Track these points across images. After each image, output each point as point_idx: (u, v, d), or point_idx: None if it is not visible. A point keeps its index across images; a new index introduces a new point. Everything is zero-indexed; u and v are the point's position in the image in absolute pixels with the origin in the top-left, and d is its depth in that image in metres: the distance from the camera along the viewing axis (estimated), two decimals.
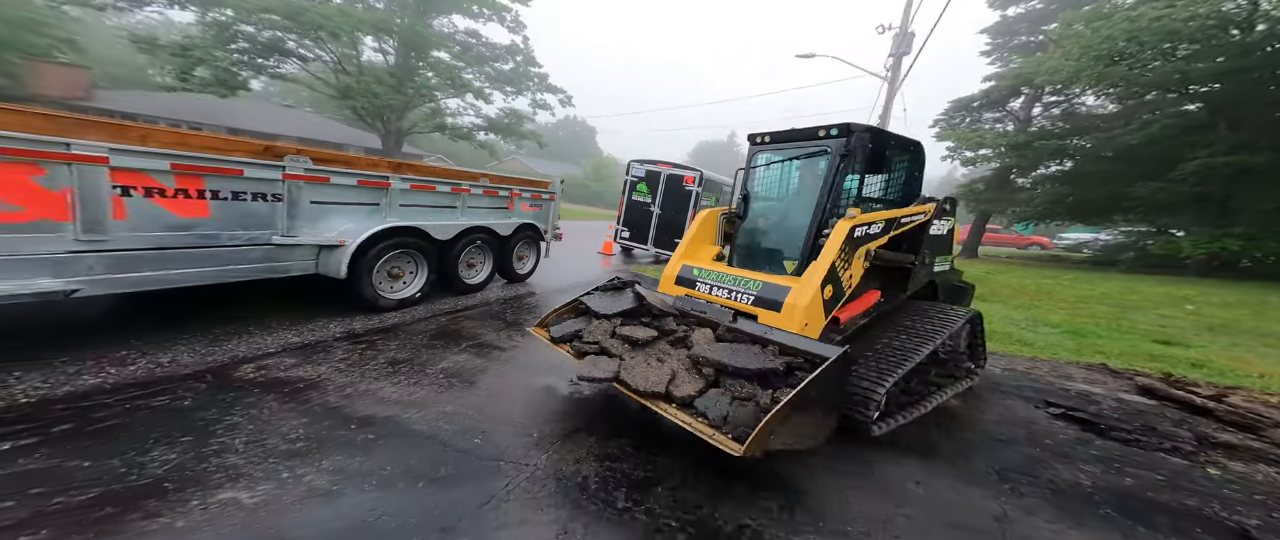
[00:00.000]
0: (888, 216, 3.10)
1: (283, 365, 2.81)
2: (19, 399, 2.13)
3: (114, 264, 2.61)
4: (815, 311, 2.62)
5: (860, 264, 2.92)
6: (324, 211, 3.80)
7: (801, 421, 2.09)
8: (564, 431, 2.39)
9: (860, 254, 2.89)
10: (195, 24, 16.80)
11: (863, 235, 2.87)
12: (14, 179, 2.25)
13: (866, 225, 2.88)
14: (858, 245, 2.85)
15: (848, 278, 2.82)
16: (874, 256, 3.01)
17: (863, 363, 2.82)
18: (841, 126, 3.07)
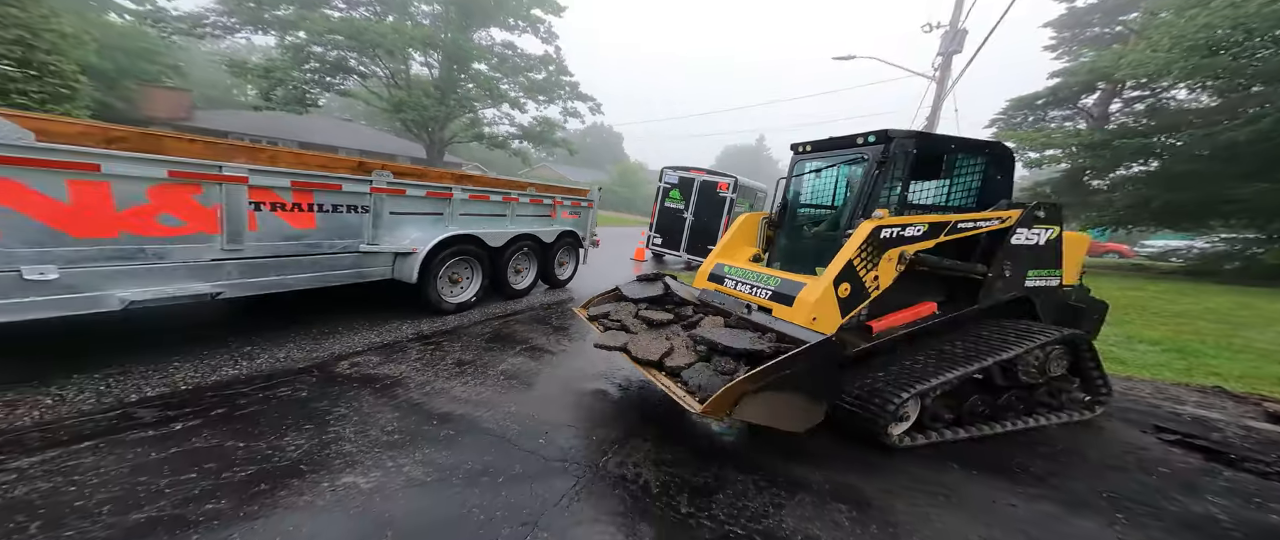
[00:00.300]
0: (933, 219, 2.97)
1: (371, 363, 3.24)
2: (180, 386, 2.63)
3: (247, 270, 3.12)
4: (825, 307, 2.68)
5: (890, 267, 2.84)
6: (399, 221, 4.24)
7: (782, 403, 2.26)
8: (620, 435, 2.62)
9: (889, 256, 2.82)
10: (275, 47, 18.61)
11: (893, 237, 2.81)
12: (181, 197, 2.76)
13: (899, 227, 2.83)
14: (886, 247, 2.81)
15: (872, 279, 2.80)
16: (915, 261, 2.89)
17: (892, 371, 2.86)
18: (879, 133, 3.11)
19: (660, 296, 3.47)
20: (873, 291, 2.83)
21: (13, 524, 1.56)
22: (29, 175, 2.21)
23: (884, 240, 2.79)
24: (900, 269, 2.87)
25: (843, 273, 2.70)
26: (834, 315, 2.72)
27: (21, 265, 2.20)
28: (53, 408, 2.28)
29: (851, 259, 2.70)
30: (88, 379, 2.59)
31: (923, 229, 2.94)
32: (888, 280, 2.88)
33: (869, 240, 2.73)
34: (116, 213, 2.50)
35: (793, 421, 2.36)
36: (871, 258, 2.76)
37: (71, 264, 2.36)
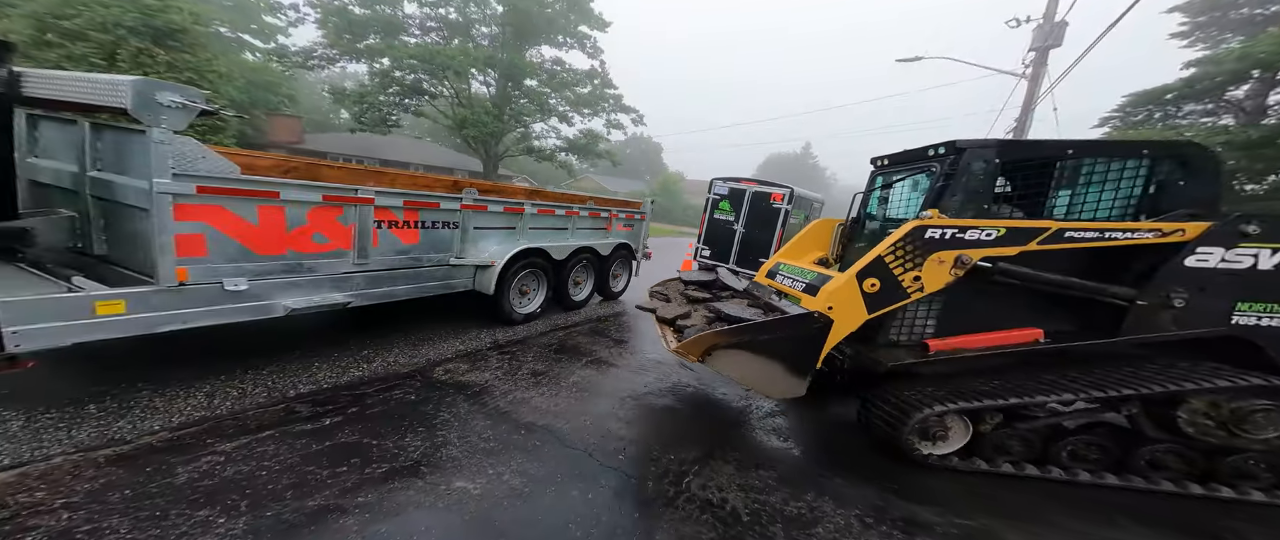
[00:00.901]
0: (1014, 224, 2.67)
1: (460, 370, 3.66)
2: (322, 384, 3.16)
3: (370, 282, 3.65)
4: (844, 297, 2.66)
5: (941, 270, 2.65)
6: (480, 236, 4.69)
7: (759, 366, 2.60)
8: (699, 455, 2.79)
9: (939, 258, 2.64)
10: (365, 74, 20.80)
11: (945, 239, 2.64)
12: (329, 218, 3.30)
13: (955, 229, 2.63)
14: (933, 248, 2.64)
15: (912, 280, 2.67)
16: (995, 271, 2.65)
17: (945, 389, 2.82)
18: (948, 144, 3.02)
19: (709, 282, 3.92)
20: (914, 293, 2.68)
21: (229, 501, 2.01)
22: (233, 202, 2.78)
23: (930, 241, 2.63)
24: (956, 274, 2.66)
25: (870, 267, 2.64)
26: (855, 307, 2.67)
27: (223, 278, 2.77)
28: (238, 399, 2.83)
29: (883, 255, 2.63)
30: (258, 375, 3.16)
31: (996, 233, 2.63)
32: (935, 284, 2.68)
33: (909, 239, 2.61)
34: (286, 233, 3.06)
35: (769, 387, 2.71)
36: (911, 257, 2.63)
37: (256, 277, 2.92)
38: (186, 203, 2.57)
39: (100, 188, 2.70)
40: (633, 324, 5.69)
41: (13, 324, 2.11)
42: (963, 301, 2.88)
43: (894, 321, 3.00)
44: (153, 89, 2.31)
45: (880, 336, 3.07)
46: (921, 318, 3.01)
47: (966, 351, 2.88)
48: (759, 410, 3.58)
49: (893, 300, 2.71)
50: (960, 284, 2.75)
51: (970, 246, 2.67)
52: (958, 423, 2.88)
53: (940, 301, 2.95)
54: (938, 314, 2.95)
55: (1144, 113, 15.48)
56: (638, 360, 4.39)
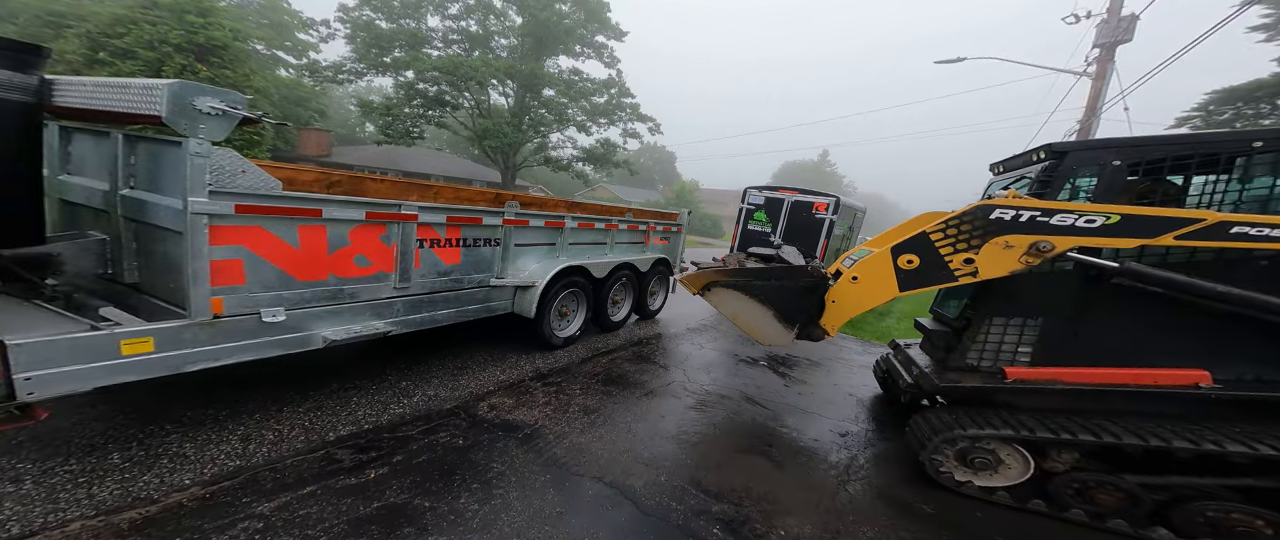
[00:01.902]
0: (1130, 211, 2.26)
1: (505, 406, 3.30)
2: (362, 424, 2.84)
3: (410, 307, 3.34)
4: (874, 270, 2.63)
5: (1006, 257, 2.38)
6: (521, 253, 4.36)
7: (754, 310, 2.84)
8: (816, 533, 2.31)
9: (1007, 243, 2.39)
10: (391, 87, 21.24)
11: (1020, 222, 2.35)
12: (372, 238, 3.00)
13: (1034, 212, 2.31)
14: (1000, 231, 2.39)
15: (962, 263, 2.47)
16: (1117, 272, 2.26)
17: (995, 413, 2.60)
18: (1048, 148, 2.78)
19: (769, 257, 3.85)
20: (963, 277, 2.48)
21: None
22: (273, 223, 2.51)
23: (997, 222, 2.37)
24: (1028, 262, 2.38)
25: (910, 243, 2.54)
26: (884, 282, 2.60)
27: (261, 308, 2.49)
28: (275, 444, 2.53)
29: (928, 231, 2.49)
30: (294, 412, 2.87)
31: (1103, 220, 2.22)
32: (995, 270, 2.43)
33: (968, 218, 2.40)
34: (327, 256, 2.78)
35: (758, 331, 2.90)
36: (967, 237, 2.43)
37: (295, 306, 2.64)
38: (224, 224, 2.30)
39: (132, 207, 2.46)
40: (677, 348, 5.28)
41: (27, 369, 1.84)
42: (1078, 324, 2.48)
43: (975, 342, 2.76)
44: (190, 93, 2.04)
45: (952, 358, 2.87)
46: (1011, 340, 2.66)
47: (1055, 382, 2.49)
48: (865, 460, 3.09)
49: (932, 280, 2.56)
50: (1067, 295, 2.41)
51: (1056, 233, 2.30)
52: (1015, 456, 2.60)
53: (1039, 323, 2.58)
54: (1036, 337, 2.58)
55: (1231, 110, 14.30)
56: (694, 392, 3.98)
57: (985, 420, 2.63)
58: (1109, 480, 2.42)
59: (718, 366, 4.77)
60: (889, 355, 4.15)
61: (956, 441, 2.59)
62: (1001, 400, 2.69)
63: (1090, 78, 9.16)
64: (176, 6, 13.29)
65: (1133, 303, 2.38)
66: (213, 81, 12.95)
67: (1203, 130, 14.22)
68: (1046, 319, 2.57)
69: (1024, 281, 2.57)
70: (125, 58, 12.58)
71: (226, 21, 14.49)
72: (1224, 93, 14.18)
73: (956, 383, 2.74)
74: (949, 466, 2.68)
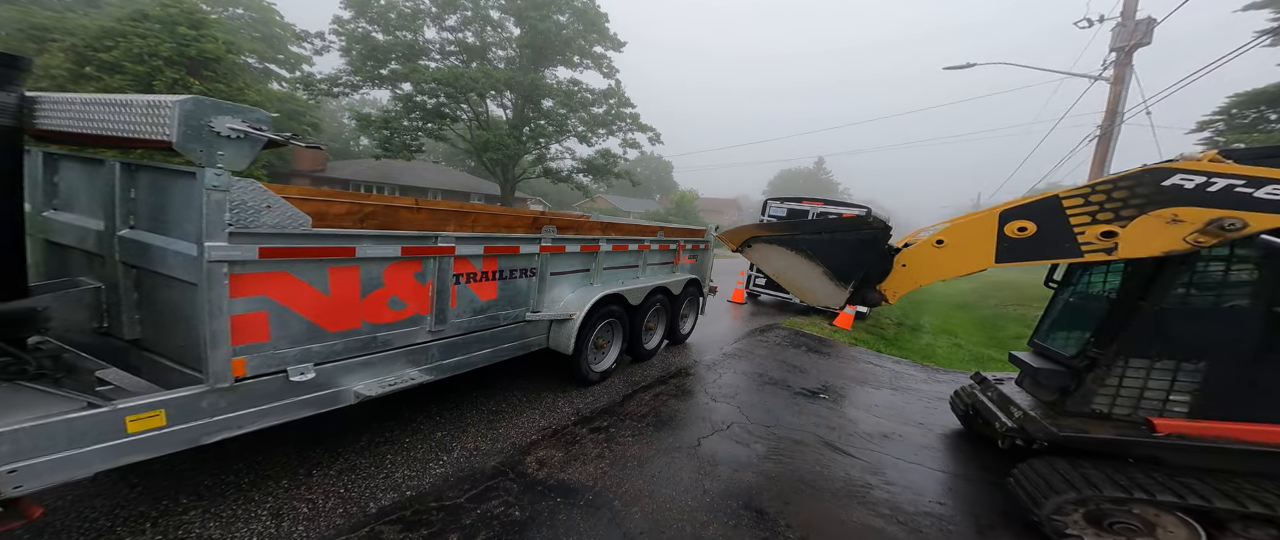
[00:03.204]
0: None
1: (555, 461, 2.92)
2: (405, 490, 2.45)
3: (445, 351, 2.96)
4: (970, 234, 2.26)
5: (1169, 233, 1.95)
6: (555, 282, 4.00)
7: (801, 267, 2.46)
8: None
9: (1174, 216, 1.95)
10: (388, 100, 20.94)
11: (1199, 190, 1.89)
12: (406, 277, 2.63)
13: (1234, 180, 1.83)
14: (1172, 201, 1.94)
15: (1098, 235, 2.01)
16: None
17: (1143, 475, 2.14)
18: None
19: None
20: (1091, 254, 2.07)
21: None
22: (301, 266, 2.14)
23: (1171, 190, 1.94)
24: (1199, 242, 1.94)
25: (1029, 208, 2.10)
26: (980, 249, 2.19)
27: (288, 366, 2.11)
28: (310, 519, 2.15)
29: (1062, 195, 2.04)
30: (325, 476, 2.48)
31: None
32: (1143, 249, 1.99)
33: (1129, 182, 1.96)
34: (360, 301, 2.41)
35: (806, 290, 2.54)
36: (1118, 207, 1.99)
37: (324, 360, 2.26)
38: (247, 273, 1.93)
39: (133, 251, 2.08)
40: (720, 378, 4.93)
41: (10, 460, 1.46)
42: (1261, 369, 2.07)
43: (1105, 386, 2.31)
44: (206, 113, 1.69)
45: (1072, 402, 2.45)
46: (1159, 386, 2.26)
47: (1253, 446, 2.06)
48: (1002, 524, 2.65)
49: (1046, 254, 2.15)
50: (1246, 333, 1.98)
51: (1260, 208, 1.87)
52: (1177, 524, 2.18)
53: (1203, 367, 2.17)
54: (1197, 384, 2.15)
55: (1254, 113, 14.27)
56: (761, 436, 3.60)
57: (1131, 479, 2.22)
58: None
59: (773, 400, 4.43)
60: (973, 388, 3.75)
61: (1088, 502, 2.20)
62: (1144, 455, 2.32)
63: (1108, 82, 9.13)
64: (168, 19, 12.89)
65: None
66: (207, 95, 12.52)
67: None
68: (1212, 363, 2.19)
69: (1178, 317, 2.24)
70: (113, 72, 12.10)
71: (220, 34, 14.10)
72: (1248, 96, 14.13)
73: (1082, 431, 2.37)
74: (1077, 529, 2.32)
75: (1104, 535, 2.30)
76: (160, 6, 13.01)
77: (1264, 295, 2.10)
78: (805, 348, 6.57)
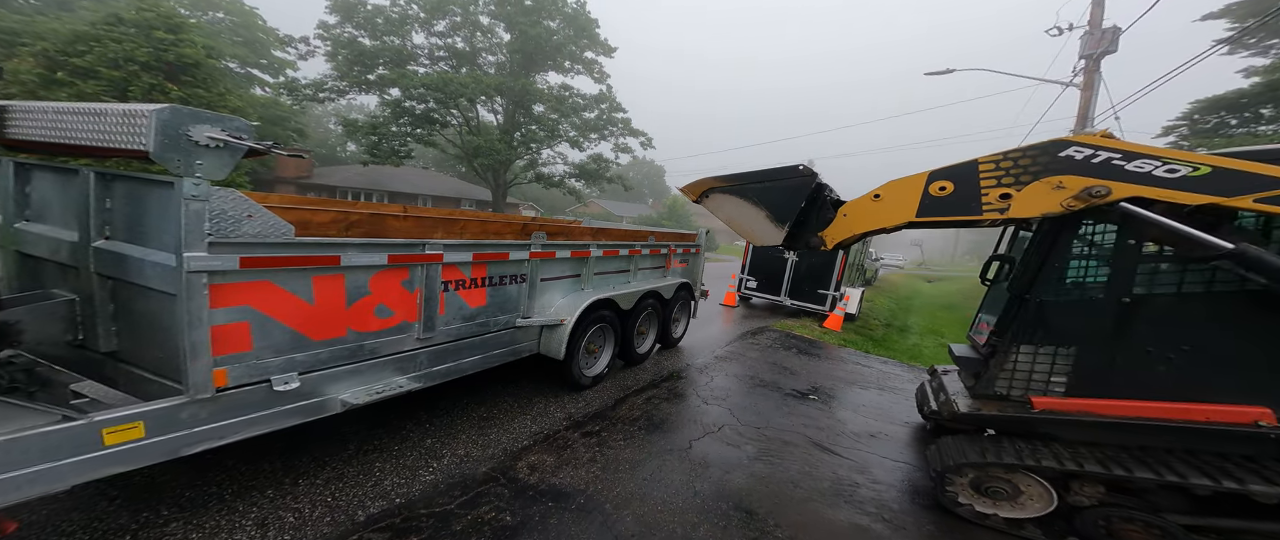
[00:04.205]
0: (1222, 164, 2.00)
1: (546, 466, 2.92)
2: (393, 498, 2.42)
3: (433, 358, 2.94)
4: (900, 190, 2.57)
5: (1052, 196, 2.21)
6: (546, 288, 4.00)
7: (748, 211, 2.89)
8: None
9: (1060, 183, 2.20)
10: (376, 106, 20.68)
11: (1092, 163, 2.13)
12: (393, 285, 2.62)
13: (1114, 154, 2.09)
14: (1062, 170, 2.19)
15: (997, 197, 2.30)
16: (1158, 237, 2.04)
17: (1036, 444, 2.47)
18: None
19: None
20: (989, 213, 2.33)
21: None
22: (285, 276, 2.12)
23: (1065, 161, 2.19)
24: (1071, 206, 2.18)
25: (952, 170, 2.39)
26: (905, 204, 2.53)
27: (272, 375, 2.08)
28: (298, 529, 2.11)
29: (980, 159, 2.31)
30: (312, 485, 2.44)
31: (1189, 171, 2.00)
32: (1029, 209, 2.25)
33: (1033, 151, 2.21)
34: (345, 309, 2.39)
35: (752, 232, 2.94)
36: (1018, 173, 2.24)
37: (309, 369, 2.23)
38: (227, 282, 1.91)
39: (109, 263, 2.04)
40: (711, 381, 4.96)
41: None
42: (1116, 353, 2.30)
43: (1004, 370, 2.62)
44: (184, 121, 1.67)
45: (980, 386, 2.75)
46: (1042, 369, 2.49)
47: (1088, 414, 2.32)
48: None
49: (955, 212, 2.41)
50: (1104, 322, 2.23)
51: (1126, 179, 2.08)
52: (1037, 486, 2.48)
53: (1073, 352, 2.42)
54: (1070, 367, 2.41)
55: (1215, 119, 14.83)
56: (751, 437, 3.64)
57: (1000, 450, 2.53)
58: (1137, 516, 2.28)
59: (763, 402, 4.47)
60: (926, 382, 3.98)
61: (964, 470, 2.52)
62: (1033, 431, 2.57)
63: (1078, 88, 9.48)
64: (144, 23, 12.58)
65: (1180, 330, 2.24)
66: (186, 101, 12.25)
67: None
68: (1081, 347, 2.44)
69: (1056, 308, 2.51)
70: (87, 78, 11.77)
71: (199, 38, 13.81)
72: (1208, 102, 14.75)
73: (978, 410, 2.67)
74: (967, 497, 2.60)
75: (983, 500, 2.60)
76: (136, 10, 12.70)
77: (1116, 288, 2.36)
78: (796, 350, 6.65)
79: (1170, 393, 2.25)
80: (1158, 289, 2.30)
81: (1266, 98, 13.61)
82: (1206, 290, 2.21)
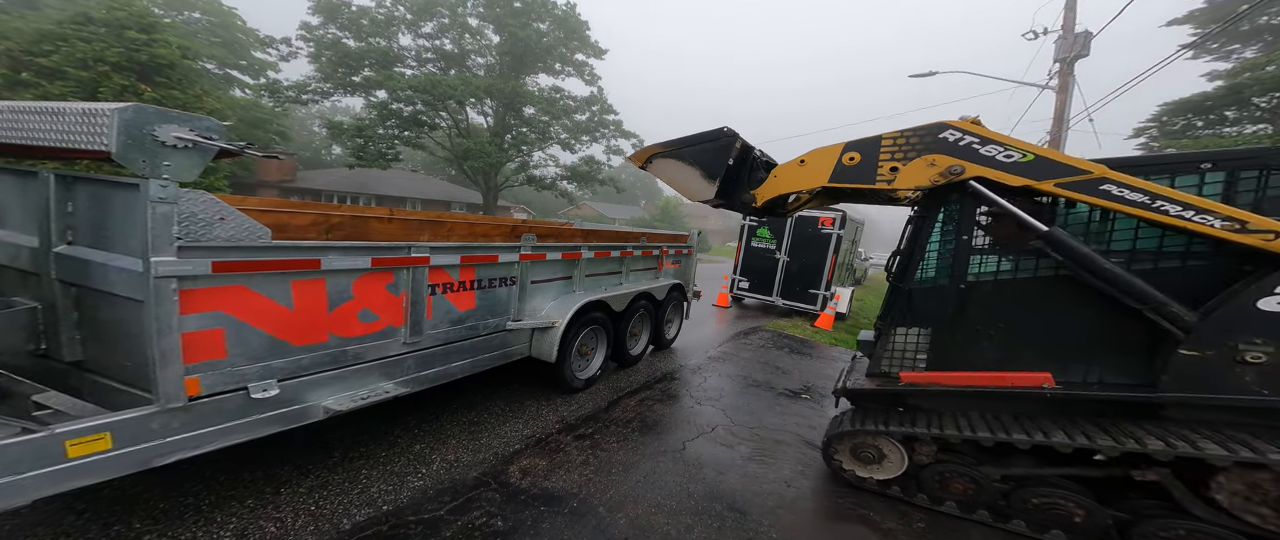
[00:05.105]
0: (1049, 155, 2.34)
1: (539, 470, 2.87)
2: (381, 505, 2.35)
3: (421, 363, 2.87)
4: (820, 157, 2.86)
5: (926, 173, 2.53)
6: (537, 291, 3.95)
7: (686, 172, 3.17)
8: None
9: (933, 161, 2.51)
10: (361, 108, 20.28)
11: (955, 144, 2.46)
12: (378, 289, 2.54)
13: (977, 140, 2.42)
14: (936, 149, 2.49)
15: (888, 170, 2.63)
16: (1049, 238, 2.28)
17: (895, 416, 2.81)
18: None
19: None
20: (880, 183, 2.66)
21: None
22: (261, 280, 2.04)
23: (940, 142, 2.50)
24: (936, 181, 2.52)
25: (862, 143, 2.70)
26: (821, 170, 2.84)
27: (249, 383, 2.00)
28: (279, 537, 2.04)
29: (884, 135, 2.64)
30: (294, 494, 2.36)
31: (1018, 157, 2.36)
32: (908, 181, 2.58)
33: (920, 132, 2.53)
34: (327, 314, 2.31)
35: (689, 188, 3.21)
36: (906, 150, 2.58)
37: (289, 376, 2.16)
38: (198, 287, 1.83)
39: (71, 269, 1.94)
40: (705, 382, 4.95)
41: None
42: (963, 335, 2.70)
43: (886, 351, 2.95)
44: (149, 120, 1.60)
45: (871, 364, 3.08)
46: (912, 348, 2.88)
47: (937, 386, 2.72)
48: None
49: (856, 180, 2.73)
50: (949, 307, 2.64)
51: (977, 161, 2.45)
52: (894, 449, 2.85)
53: (930, 332, 2.83)
54: (928, 345, 2.80)
55: (1183, 121, 15.24)
56: (745, 437, 3.63)
57: (866, 419, 2.87)
58: (960, 470, 2.65)
59: (756, 402, 4.47)
60: (845, 367, 4.19)
61: (842, 439, 2.94)
62: (903, 402, 2.93)
63: (1054, 91, 9.75)
64: (114, 22, 12.16)
65: (994, 310, 2.63)
66: (160, 103, 11.87)
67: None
68: (935, 328, 2.78)
69: (919, 294, 2.85)
70: (54, 78, 11.34)
71: (173, 38, 13.40)
72: (1175, 105, 15.20)
73: (861, 386, 3.00)
74: (849, 463, 2.97)
75: (860, 464, 2.95)
76: (106, 9, 12.28)
77: (956, 277, 2.68)
78: (788, 349, 6.68)
79: (990, 364, 2.62)
80: (984, 276, 2.65)
81: (1229, 100, 14.07)
82: (1013, 277, 2.59)
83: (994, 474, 2.56)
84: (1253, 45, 15.51)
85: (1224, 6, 15.74)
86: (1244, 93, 13.61)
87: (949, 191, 2.60)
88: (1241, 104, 14.13)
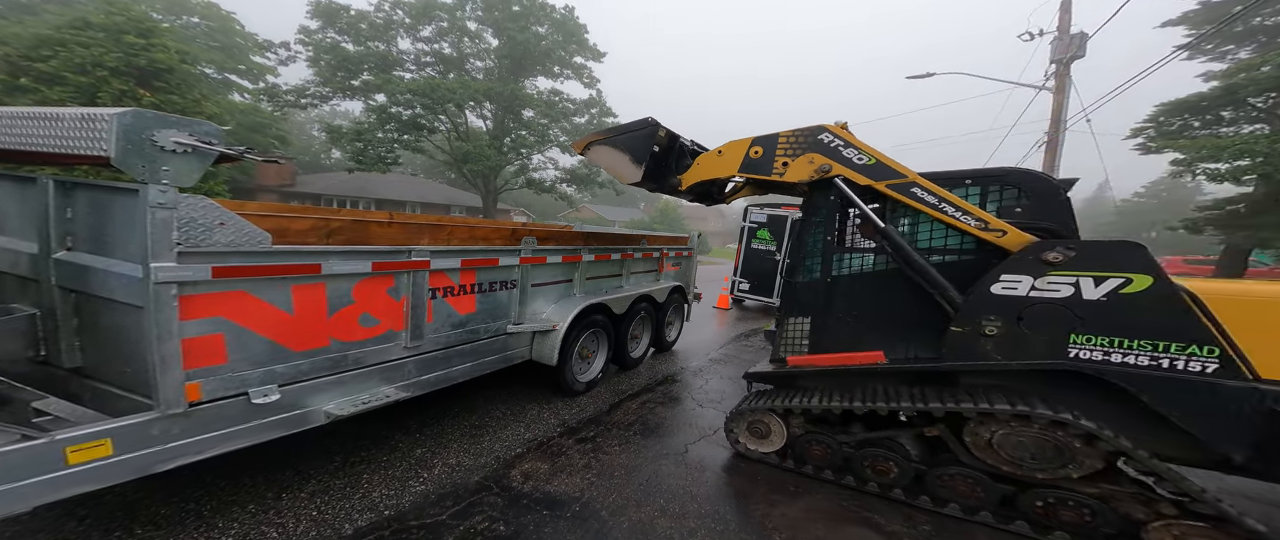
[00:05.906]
0: (884, 159, 2.75)
1: (541, 473, 2.86)
2: (382, 510, 2.34)
3: (422, 367, 2.86)
4: (733, 148, 3.19)
5: (806, 169, 2.92)
6: (537, 294, 3.94)
7: (618, 157, 3.42)
8: None
9: (811, 159, 2.90)
10: (361, 112, 20.29)
11: (830, 147, 2.86)
12: (378, 293, 2.54)
13: (843, 143, 2.83)
14: (815, 149, 2.88)
15: (781, 165, 2.99)
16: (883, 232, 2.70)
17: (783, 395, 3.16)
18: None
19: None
20: (774, 175, 3.02)
21: None
22: (262, 286, 2.04)
23: (818, 144, 2.90)
24: (814, 176, 2.93)
25: (765, 139, 3.04)
26: (732, 160, 3.17)
27: (249, 388, 1.99)
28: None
29: (781, 134, 3.01)
30: (296, 499, 2.35)
31: (866, 161, 2.79)
32: (794, 176, 2.96)
33: (804, 133, 2.92)
34: (327, 319, 2.31)
35: (621, 172, 3.45)
36: (795, 148, 2.95)
37: (290, 381, 2.15)
38: (199, 293, 1.83)
39: (71, 275, 1.94)
40: (706, 384, 4.93)
41: None
42: (831, 322, 3.07)
43: (782, 338, 3.23)
44: (147, 126, 1.59)
45: (772, 351, 3.36)
46: (799, 335, 3.19)
47: (816, 367, 3.05)
48: None
49: (759, 171, 3.09)
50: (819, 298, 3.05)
51: (841, 162, 2.87)
52: (777, 424, 3.17)
53: (809, 320, 3.17)
54: (808, 332, 3.14)
55: (1179, 121, 15.22)
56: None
57: (756, 398, 3.20)
58: (820, 438, 3.01)
59: None
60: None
61: (738, 417, 3.26)
62: (791, 383, 3.26)
63: (1050, 92, 9.78)
64: (113, 27, 12.17)
65: (848, 300, 3.01)
66: (159, 108, 11.88)
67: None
68: (814, 316, 3.12)
69: (803, 288, 3.18)
70: (52, 84, 11.33)
71: (172, 43, 13.41)
72: (1171, 105, 15.13)
73: (758, 370, 3.34)
74: (744, 439, 3.27)
75: (753, 439, 3.24)
76: (105, 14, 12.28)
77: (825, 272, 3.06)
78: None
79: (845, 346, 2.97)
80: (842, 271, 3.06)
81: (1225, 101, 13.98)
82: (860, 271, 3.00)
83: (845, 440, 2.94)
84: (1247, 46, 15.56)
85: (1218, 7, 15.80)
86: (1239, 93, 13.52)
87: (827, 189, 2.96)
88: (1237, 104, 14.09)
